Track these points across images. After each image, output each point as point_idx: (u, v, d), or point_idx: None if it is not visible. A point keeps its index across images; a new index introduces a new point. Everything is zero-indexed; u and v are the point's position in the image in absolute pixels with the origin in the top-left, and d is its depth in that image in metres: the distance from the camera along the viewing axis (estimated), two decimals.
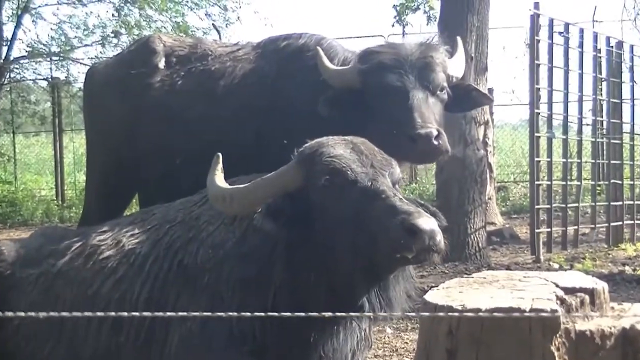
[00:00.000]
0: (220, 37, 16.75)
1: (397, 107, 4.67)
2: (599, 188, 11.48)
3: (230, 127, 5.28)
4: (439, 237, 3.15)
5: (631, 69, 11.37)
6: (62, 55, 17.86)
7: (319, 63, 5.00)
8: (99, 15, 18.02)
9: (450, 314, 2.77)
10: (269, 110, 5.22)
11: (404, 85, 4.73)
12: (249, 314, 2.78)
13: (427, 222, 3.13)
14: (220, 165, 3.70)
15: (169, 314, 3.46)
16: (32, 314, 2.91)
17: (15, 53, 17.58)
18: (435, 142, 4.50)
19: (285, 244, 3.53)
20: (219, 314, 2.69)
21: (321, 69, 4.99)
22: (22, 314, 2.86)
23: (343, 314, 3.13)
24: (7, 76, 17.70)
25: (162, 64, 5.65)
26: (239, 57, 5.54)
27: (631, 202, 10.95)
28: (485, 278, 3.23)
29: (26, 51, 17.83)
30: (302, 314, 2.45)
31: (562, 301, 2.87)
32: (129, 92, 5.66)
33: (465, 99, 5.12)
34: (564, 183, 10.22)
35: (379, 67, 4.82)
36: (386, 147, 3.72)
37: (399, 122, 4.59)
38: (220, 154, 3.74)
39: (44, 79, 18.49)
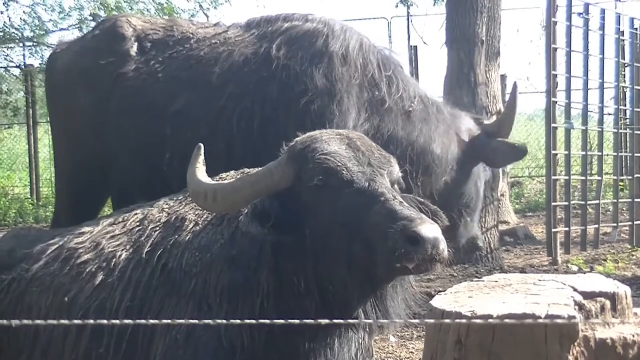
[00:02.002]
0: (208, 20, 16.72)
1: None
2: (621, 183, 11.48)
3: (228, 118, 5.21)
4: (443, 245, 3.15)
5: None
6: (35, 40, 17.82)
7: None
8: None
9: (458, 321, 2.77)
10: (277, 99, 5.15)
11: None
12: (238, 321, 2.78)
13: (430, 230, 3.13)
14: (202, 157, 3.67)
15: (152, 321, 3.46)
16: (4, 322, 2.90)
17: None
18: None
19: (271, 247, 3.52)
20: (207, 321, 2.69)
21: None
22: None
23: (340, 320, 3.13)
24: None
25: (134, 50, 5.53)
26: (232, 41, 5.43)
27: None
28: (497, 282, 3.23)
29: None
30: (296, 320, 2.45)
31: (581, 307, 2.88)
32: (96, 83, 5.54)
33: None
34: (583, 178, 10.19)
35: None
36: None
37: None
38: (201, 145, 3.70)
39: (16, 66, 18.44)
